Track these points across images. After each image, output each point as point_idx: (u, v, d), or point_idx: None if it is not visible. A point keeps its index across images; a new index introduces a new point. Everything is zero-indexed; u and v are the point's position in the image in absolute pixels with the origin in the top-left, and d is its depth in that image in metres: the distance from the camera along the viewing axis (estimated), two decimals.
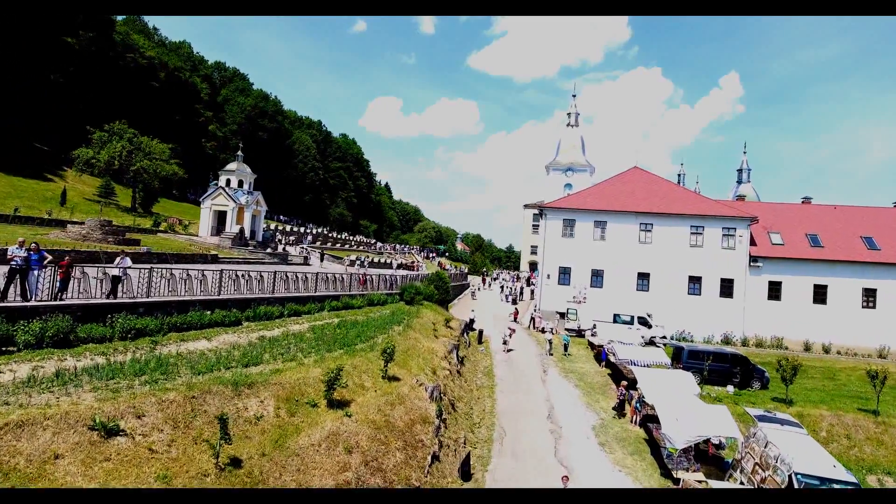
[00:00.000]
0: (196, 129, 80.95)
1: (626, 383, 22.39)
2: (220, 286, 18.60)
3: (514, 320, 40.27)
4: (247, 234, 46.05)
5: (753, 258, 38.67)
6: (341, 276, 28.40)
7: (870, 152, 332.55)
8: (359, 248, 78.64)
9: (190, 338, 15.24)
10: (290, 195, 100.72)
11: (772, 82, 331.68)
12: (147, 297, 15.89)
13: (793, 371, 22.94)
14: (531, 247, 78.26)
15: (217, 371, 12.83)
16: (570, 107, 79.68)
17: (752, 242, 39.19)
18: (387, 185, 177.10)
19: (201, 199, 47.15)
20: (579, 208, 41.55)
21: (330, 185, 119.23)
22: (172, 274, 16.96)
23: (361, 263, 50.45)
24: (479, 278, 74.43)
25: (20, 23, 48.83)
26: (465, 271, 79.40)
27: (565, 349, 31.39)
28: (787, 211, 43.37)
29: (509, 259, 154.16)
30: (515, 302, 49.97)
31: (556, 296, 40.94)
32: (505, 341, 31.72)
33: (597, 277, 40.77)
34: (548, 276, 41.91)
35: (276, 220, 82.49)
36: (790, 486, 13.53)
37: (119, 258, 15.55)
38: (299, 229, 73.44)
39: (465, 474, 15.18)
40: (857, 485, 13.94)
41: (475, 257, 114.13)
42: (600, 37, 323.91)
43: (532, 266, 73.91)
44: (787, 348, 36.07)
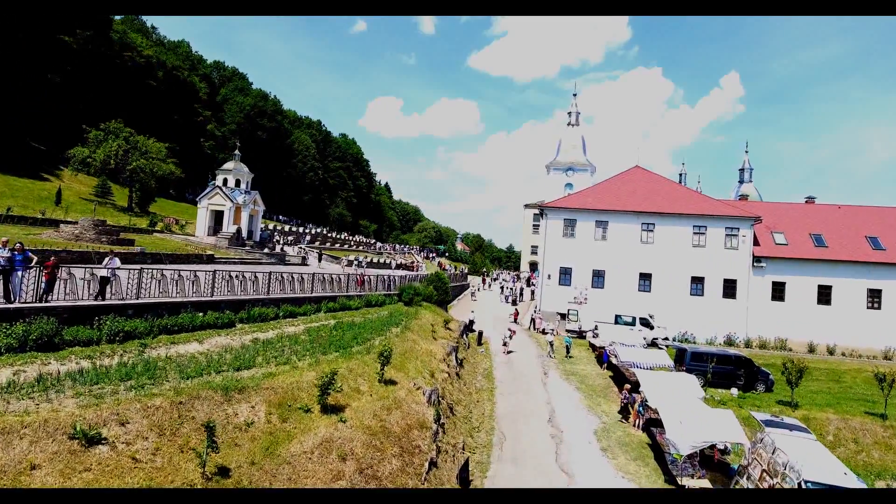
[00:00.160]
0: (195, 129, 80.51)
1: (630, 386, 21.94)
2: (213, 287, 18.18)
3: (515, 321, 39.78)
4: (244, 233, 45.61)
5: (757, 258, 38.24)
6: (338, 276, 27.96)
7: (870, 152, 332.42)
8: (358, 248, 78.19)
9: (181, 340, 14.85)
10: (290, 195, 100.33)
11: (772, 82, 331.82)
12: (137, 298, 15.47)
13: (798, 374, 22.50)
14: (531, 247, 77.90)
15: (207, 375, 12.46)
16: (571, 106, 79.34)
17: (756, 242, 38.76)
18: (387, 185, 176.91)
19: (198, 199, 46.69)
20: (580, 208, 41.11)
21: (329, 184, 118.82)
22: (163, 275, 16.53)
23: (359, 264, 49.99)
24: (478, 279, 73.91)
25: (17, 21, 48.45)
26: (465, 271, 78.94)
27: (567, 351, 30.97)
28: (791, 210, 42.93)
29: (509, 259, 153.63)
30: (515, 303, 49.50)
31: (556, 296, 40.51)
32: (505, 343, 31.31)
33: (598, 278, 40.35)
34: (548, 276, 41.47)
35: (276, 220, 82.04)
36: None
37: (108, 258, 15.13)
38: (298, 229, 72.99)
39: (463, 481, 14.73)
40: None
41: (475, 257, 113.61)
42: (600, 37, 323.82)
43: (532, 266, 73.51)
44: (790, 350, 35.67)
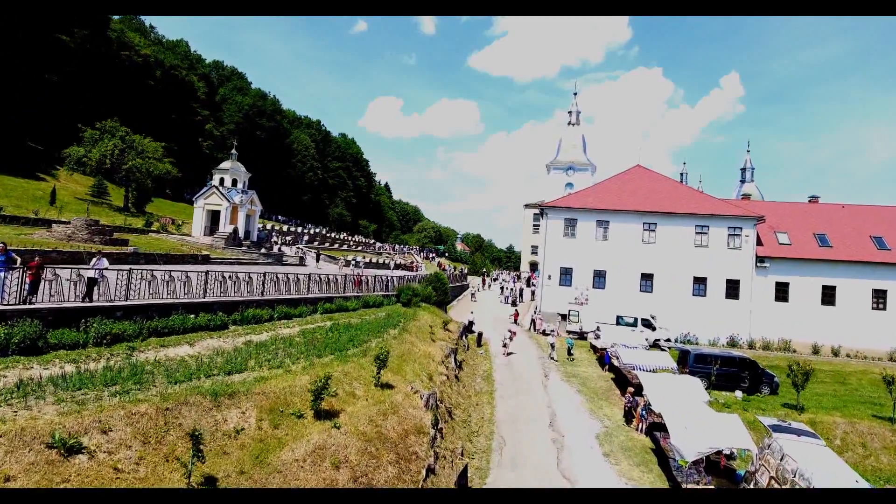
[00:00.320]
0: (193, 129, 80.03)
1: (633, 389, 21.47)
2: (206, 288, 17.72)
3: (515, 322, 39.27)
4: (241, 233, 45.16)
5: (760, 258, 37.78)
6: (335, 277, 27.51)
7: (870, 152, 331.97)
8: (357, 248, 77.69)
9: (171, 343, 14.42)
10: (289, 195, 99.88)
11: (772, 82, 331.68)
12: (126, 300, 15.02)
13: (805, 376, 22.07)
14: (532, 247, 77.44)
15: (196, 380, 12.04)
16: (572, 105, 78.91)
17: (759, 242, 38.30)
18: (386, 185, 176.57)
19: (194, 199, 46.23)
20: (581, 207, 40.64)
21: (329, 184, 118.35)
22: (153, 275, 16.07)
23: (357, 264, 49.44)
24: (478, 279, 73.37)
25: (14, 20, 47.99)
26: (465, 272, 78.43)
27: (569, 353, 30.50)
28: (794, 210, 42.44)
29: (509, 259, 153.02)
30: (515, 303, 48.98)
31: (557, 297, 40.03)
32: (505, 344, 30.85)
33: (599, 278, 39.89)
34: (549, 276, 41.00)
35: (275, 220, 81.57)
36: None
37: (95, 259, 14.67)
38: (296, 229, 72.49)
39: (462, 488, 14.30)
40: None
41: (475, 257, 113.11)
42: (601, 37, 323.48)
43: (532, 266, 73.04)
44: (794, 351, 35.22)
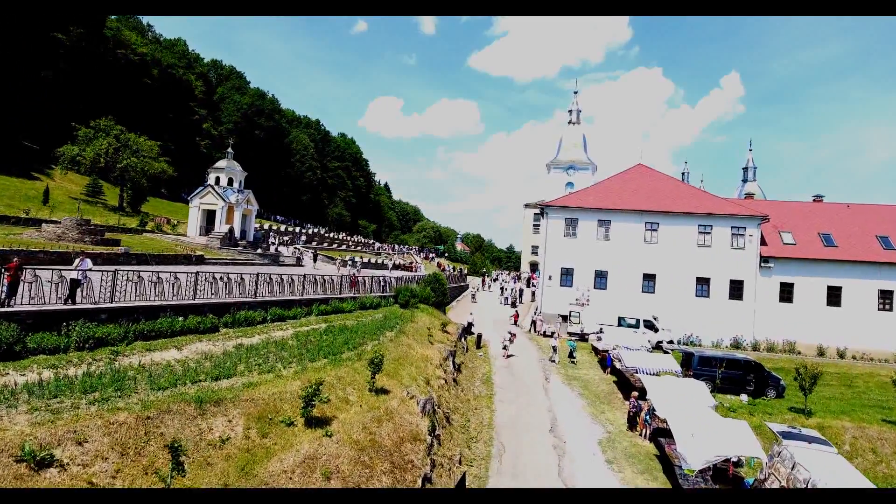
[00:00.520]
0: (190, 128, 79.51)
1: (637, 393, 20.89)
2: (196, 289, 17.17)
3: (515, 324, 38.73)
4: (237, 233, 44.56)
5: (764, 258, 37.20)
6: (332, 277, 26.95)
7: (870, 152, 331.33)
8: (356, 248, 77.10)
9: (157, 347, 13.88)
10: (288, 195, 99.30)
11: (772, 82, 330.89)
12: (111, 302, 14.48)
13: (812, 380, 21.51)
14: (532, 247, 76.90)
15: (182, 386, 11.48)
16: (572, 104, 78.41)
17: (763, 242, 37.71)
18: (386, 184, 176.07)
19: (189, 198, 45.64)
20: (582, 207, 40.06)
21: (328, 184, 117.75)
22: (140, 276, 15.51)
23: (353, 263, 48.82)
24: (478, 279, 72.78)
25: (9, 19, 47.45)
26: (465, 272, 77.83)
27: (570, 356, 29.93)
28: (798, 209, 41.81)
29: (509, 259, 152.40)
30: (515, 304, 48.41)
31: (558, 298, 39.45)
32: (505, 346, 30.26)
33: (600, 279, 39.32)
34: (549, 277, 40.41)
35: (273, 219, 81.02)
36: None
37: (78, 260, 14.11)
38: (294, 229, 71.92)
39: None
40: None
41: (475, 258, 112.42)
42: (601, 37, 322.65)
43: (533, 266, 72.48)
44: (799, 353, 34.66)
